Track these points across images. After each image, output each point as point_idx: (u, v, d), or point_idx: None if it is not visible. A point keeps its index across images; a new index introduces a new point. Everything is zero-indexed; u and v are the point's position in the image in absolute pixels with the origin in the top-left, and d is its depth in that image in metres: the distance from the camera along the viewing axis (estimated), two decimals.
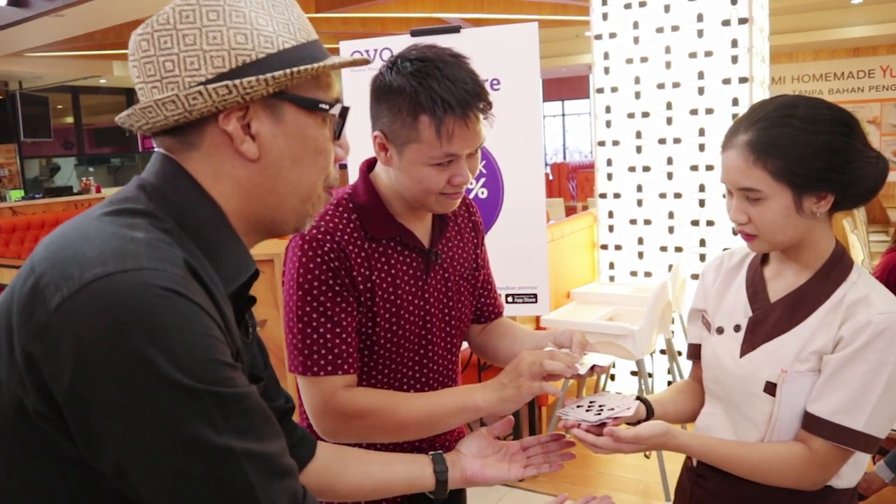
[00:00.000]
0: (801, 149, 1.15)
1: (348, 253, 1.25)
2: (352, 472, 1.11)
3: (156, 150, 0.85)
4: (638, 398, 1.33)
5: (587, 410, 1.27)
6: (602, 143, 4.14)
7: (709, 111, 3.83)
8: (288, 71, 0.78)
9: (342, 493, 1.11)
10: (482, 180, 3.00)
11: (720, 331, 1.33)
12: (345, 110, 0.87)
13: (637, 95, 3.99)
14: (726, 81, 3.77)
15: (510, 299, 3.01)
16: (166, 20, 0.78)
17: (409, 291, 1.33)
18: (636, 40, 3.95)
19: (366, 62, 0.92)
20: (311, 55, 0.83)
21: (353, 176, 2.73)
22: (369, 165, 1.36)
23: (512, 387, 1.19)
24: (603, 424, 1.22)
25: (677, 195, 3.97)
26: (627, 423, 1.26)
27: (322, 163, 0.87)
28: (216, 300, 0.76)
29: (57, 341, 0.66)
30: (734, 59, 3.74)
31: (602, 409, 1.26)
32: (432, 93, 1.17)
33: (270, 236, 0.90)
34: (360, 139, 1.48)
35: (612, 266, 4.24)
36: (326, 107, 0.85)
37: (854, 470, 1.23)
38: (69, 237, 0.72)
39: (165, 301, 0.67)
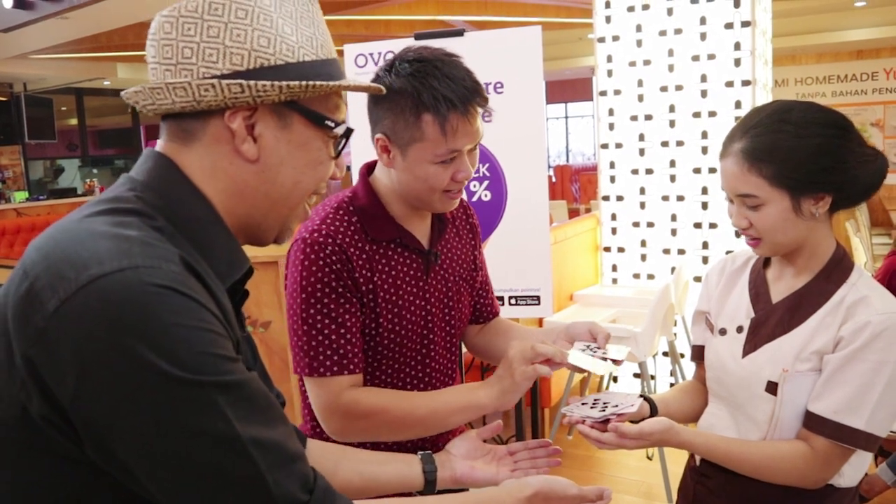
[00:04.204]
0: (795, 153, 1.17)
1: (350, 255, 1.27)
2: (343, 469, 1.11)
3: (146, 147, 0.85)
4: (641, 396, 1.34)
5: (591, 408, 1.28)
6: (605, 146, 4.15)
7: (712, 114, 3.84)
8: (303, 83, 0.79)
9: None
10: (485, 183, 3.01)
11: (723, 332, 1.35)
12: (349, 131, 0.89)
13: (640, 98, 4.00)
14: (729, 84, 3.78)
15: (513, 301, 3.02)
16: (195, 8, 0.78)
17: (411, 292, 1.34)
18: (639, 43, 3.97)
19: (379, 91, 0.93)
20: (328, 73, 0.84)
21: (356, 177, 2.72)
22: (369, 168, 1.37)
23: (507, 377, 1.21)
24: (607, 421, 1.24)
25: (680, 198, 3.99)
26: (631, 421, 1.28)
27: (320, 174, 0.88)
28: (214, 294, 0.76)
29: (57, 345, 0.66)
30: (737, 62, 3.75)
31: (606, 406, 1.28)
32: (434, 91, 1.19)
33: (251, 242, 0.89)
34: (362, 142, 1.49)
35: (614, 268, 4.25)
36: (332, 124, 0.86)
37: (855, 469, 1.24)
38: (60, 239, 0.72)
39: (162, 298, 0.67)
